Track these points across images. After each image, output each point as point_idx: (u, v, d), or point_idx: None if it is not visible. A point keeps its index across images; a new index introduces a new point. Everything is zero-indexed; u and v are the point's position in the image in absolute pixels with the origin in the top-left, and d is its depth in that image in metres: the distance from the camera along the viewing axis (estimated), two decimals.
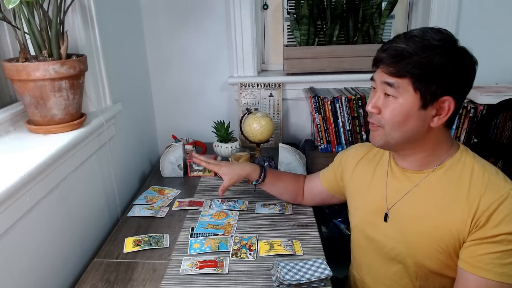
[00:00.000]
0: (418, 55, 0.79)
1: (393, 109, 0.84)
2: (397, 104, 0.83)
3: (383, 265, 0.98)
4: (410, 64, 0.80)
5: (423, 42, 0.80)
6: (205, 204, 1.35)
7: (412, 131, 0.85)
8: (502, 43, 1.78)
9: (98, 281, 1.01)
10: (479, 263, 0.80)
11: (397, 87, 0.82)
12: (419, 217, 0.89)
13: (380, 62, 0.85)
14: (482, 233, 0.80)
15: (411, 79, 0.81)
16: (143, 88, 1.81)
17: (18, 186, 0.82)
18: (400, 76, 0.81)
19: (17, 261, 0.87)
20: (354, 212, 1.07)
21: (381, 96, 0.86)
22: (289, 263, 1.01)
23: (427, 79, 0.80)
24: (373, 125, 0.90)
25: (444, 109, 0.83)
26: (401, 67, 0.81)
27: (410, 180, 0.93)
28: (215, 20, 1.78)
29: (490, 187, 0.82)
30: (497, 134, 1.51)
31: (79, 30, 1.19)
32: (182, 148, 1.58)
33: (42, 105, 1.02)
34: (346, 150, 1.18)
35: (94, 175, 1.26)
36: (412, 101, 0.82)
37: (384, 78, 0.84)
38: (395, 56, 0.81)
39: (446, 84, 0.81)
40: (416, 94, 0.81)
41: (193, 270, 1.02)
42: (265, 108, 1.86)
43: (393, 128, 0.86)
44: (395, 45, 0.82)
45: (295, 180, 1.30)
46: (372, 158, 1.06)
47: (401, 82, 0.82)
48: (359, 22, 1.80)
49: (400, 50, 0.81)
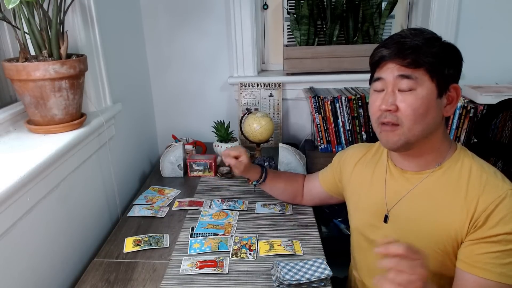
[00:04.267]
0: (427, 46, 0.82)
1: (413, 101, 0.83)
2: (417, 96, 0.83)
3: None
4: (424, 54, 0.81)
5: (426, 36, 0.84)
6: (205, 204, 1.35)
7: (433, 122, 0.85)
8: (502, 43, 1.78)
9: (98, 281, 1.01)
10: (478, 263, 0.79)
11: (415, 78, 0.82)
12: (418, 218, 0.89)
13: (389, 58, 0.84)
14: (480, 233, 0.80)
15: (427, 68, 0.82)
16: (143, 88, 1.81)
17: (18, 186, 0.82)
18: (417, 66, 0.82)
19: (17, 261, 0.87)
20: (353, 214, 1.07)
21: (395, 92, 0.85)
22: (289, 263, 1.01)
23: (440, 67, 0.83)
24: (389, 124, 0.86)
25: (453, 96, 0.86)
26: (417, 57, 0.82)
27: (409, 181, 0.93)
28: (215, 20, 1.78)
29: (488, 188, 0.82)
30: (497, 134, 1.51)
31: (79, 30, 1.19)
32: (182, 148, 1.58)
33: (42, 105, 1.02)
34: (344, 151, 1.18)
35: (94, 175, 1.26)
36: (431, 90, 0.83)
37: (400, 71, 0.83)
38: (408, 48, 0.82)
39: (453, 71, 0.85)
40: (433, 82, 0.83)
41: (193, 270, 1.02)
42: (265, 108, 1.86)
43: (415, 121, 0.83)
44: (401, 40, 0.84)
45: (295, 180, 1.30)
46: (370, 159, 1.05)
47: (418, 72, 0.82)
48: (359, 22, 1.80)
49: (410, 43, 0.82)
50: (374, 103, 0.88)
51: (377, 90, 0.88)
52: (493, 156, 1.46)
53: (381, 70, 0.86)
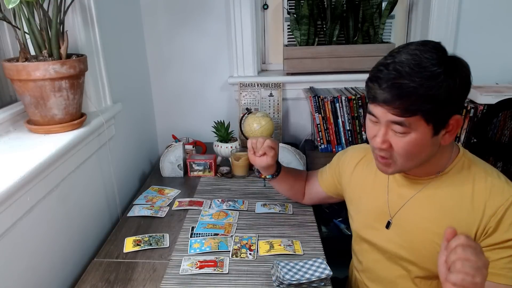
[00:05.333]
0: (423, 88, 0.74)
1: (406, 144, 0.80)
2: (410, 138, 0.79)
3: (386, 269, 0.97)
4: (418, 100, 0.75)
5: (423, 73, 0.74)
6: (205, 204, 1.35)
7: (426, 156, 0.84)
8: (502, 43, 1.78)
9: (98, 281, 1.01)
10: (492, 269, 0.78)
11: (409, 125, 0.78)
12: (423, 223, 0.88)
13: (382, 102, 0.78)
14: (493, 239, 0.80)
15: (422, 115, 0.76)
16: (143, 88, 1.81)
17: (18, 186, 0.82)
18: (411, 115, 0.76)
19: (17, 261, 0.87)
20: (355, 216, 1.06)
21: (388, 131, 0.81)
22: (289, 263, 1.01)
23: (437, 110, 0.77)
24: (384, 158, 0.85)
25: (454, 125, 0.81)
26: (410, 105, 0.75)
27: (412, 187, 0.92)
28: (215, 20, 1.78)
29: (494, 191, 0.82)
30: (497, 134, 1.51)
31: (79, 30, 1.19)
32: (182, 148, 1.58)
33: (42, 105, 1.02)
34: (343, 151, 1.16)
35: (94, 175, 1.26)
36: (425, 133, 0.79)
37: (390, 118, 0.79)
38: (400, 95, 0.75)
39: (454, 106, 0.79)
40: (429, 126, 0.78)
41: (193, 270, 1.02)
42: (265, 108, 1.86)
43: (407, 160, 0.83)
44: (396, 82, 0.76)
45: (301, 178, 1.28)
46: (371, 160, 1.02)
47: (412, 119, 0.77)
48: (359, 22, 1.80)
49: (403, 87, 0.75)
50: (370, 130, 0.86)
51: (372, 121, 0.85)
52: (493, 156, 1.46)
53: (375, 107, 0.81)
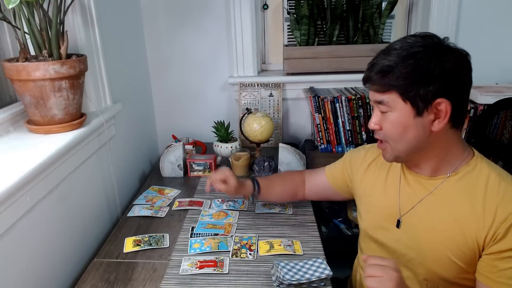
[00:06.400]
0: (400, 66, 0.80)
1: (390, 123, 0.86)
2: (393, 117, 0.85)
3: None
4: (393, 77, 0.81)
5: (403, 53, 0.81)
6: (205, 204, 1.35)
7: (415, 140, 0.85)
8: (502, 43, 1.78)
9: (98, 281, 1.01)
10: (501, 278, 0.78)
11: (387, 102, 0.84)
12: (433, 225, 0.88)
13: (367, 82, 0.87)
14: (502, 245, 0.79)
15: (397, 91, 0.82)
16: (143, 88, 1.81)
17: (18, 186, 0.82)
18: (386, 91, 0.83)
19: (17, 261, 0.87)
20: (364, 215, 1.05)
21: (378, 113, 0.88)
22: (289, 263, 1.01)
23: (413, 87, 0.80)
24: (380, 141, 0.92)
25: (442, 111, 0.81)
26: (385, 82, 0.82)
27: (424, 187, 0.91)
28: (215, 20, 1.78)
29: (506, 197, 0.81)
30: (497, 133, 1.51)
31: (79, 30, 1.19)
32: (182, 148, 1.58)
33: (42, 105, 1.02)
34: (356, 150, 1.15)
35: (94, 175, 1.26)
36: (405, 111, 0.83)
37: (374, 97, 0.87)
38: (378, 72, 0.83)
39: (435, 87, 0.79)
40: (407, 104, 0.82)
41: (193, 270, 1.02)
42: (265, 108, 1.86)
43: (396, 141, 0.87)
44: (378, 61, 0.84)
45: (291, 179, 1.26)
46: (383, 161, 1.01)
47: (389, 96, 0.83)
48: (359, 22, 1.80)
49: (382, 65, 0.83)
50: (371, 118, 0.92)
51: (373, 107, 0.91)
52: (492, 156, 1.46)
53: (369, 92, 0.90)
